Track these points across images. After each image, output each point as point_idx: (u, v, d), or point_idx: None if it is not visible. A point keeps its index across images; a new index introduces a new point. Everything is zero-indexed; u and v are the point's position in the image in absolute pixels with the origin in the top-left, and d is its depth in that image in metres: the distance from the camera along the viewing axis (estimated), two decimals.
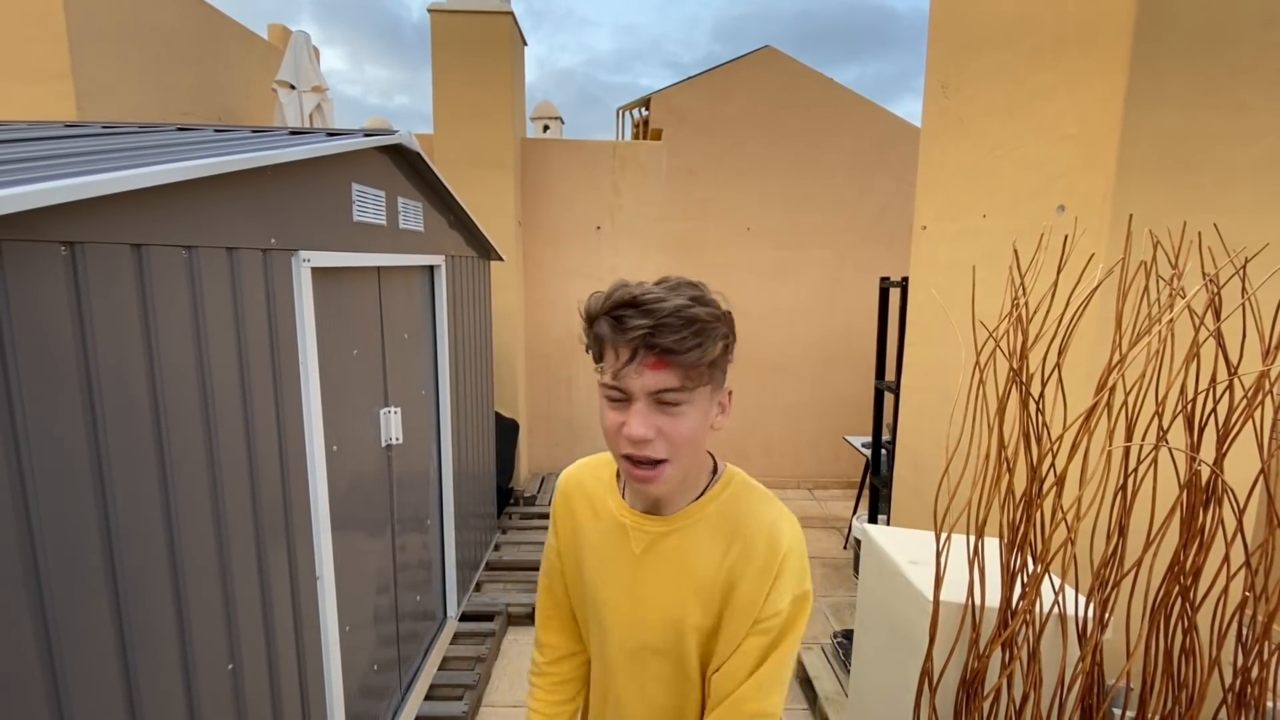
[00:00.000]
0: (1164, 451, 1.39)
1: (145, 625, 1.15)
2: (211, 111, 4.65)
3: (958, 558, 1.63)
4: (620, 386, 0.71)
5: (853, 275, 5.16)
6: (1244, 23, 1.83)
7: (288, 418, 1.61)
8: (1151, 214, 1.80)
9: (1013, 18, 2.33)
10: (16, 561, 0.91)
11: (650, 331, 0.66)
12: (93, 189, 0.97)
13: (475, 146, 4.49)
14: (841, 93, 4.94)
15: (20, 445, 0.91)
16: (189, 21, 4.42)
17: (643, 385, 0.70)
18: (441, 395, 2.91)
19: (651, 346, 0.67)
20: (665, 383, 0.70)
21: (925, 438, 2.85)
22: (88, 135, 1.91)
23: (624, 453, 0.75)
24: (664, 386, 0.70)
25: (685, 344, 0.67)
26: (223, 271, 1.34)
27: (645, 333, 0.66)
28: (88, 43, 3.65)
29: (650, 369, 0.69)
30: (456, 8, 4.37)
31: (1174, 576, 1.41)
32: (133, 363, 1.11)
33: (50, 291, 0.96)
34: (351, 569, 2.03)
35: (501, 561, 3.80)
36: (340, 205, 1.90)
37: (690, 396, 0.71)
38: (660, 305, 0.67)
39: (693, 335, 0.67)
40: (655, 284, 0.72)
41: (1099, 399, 1.30)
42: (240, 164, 1.33)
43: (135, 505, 1.12)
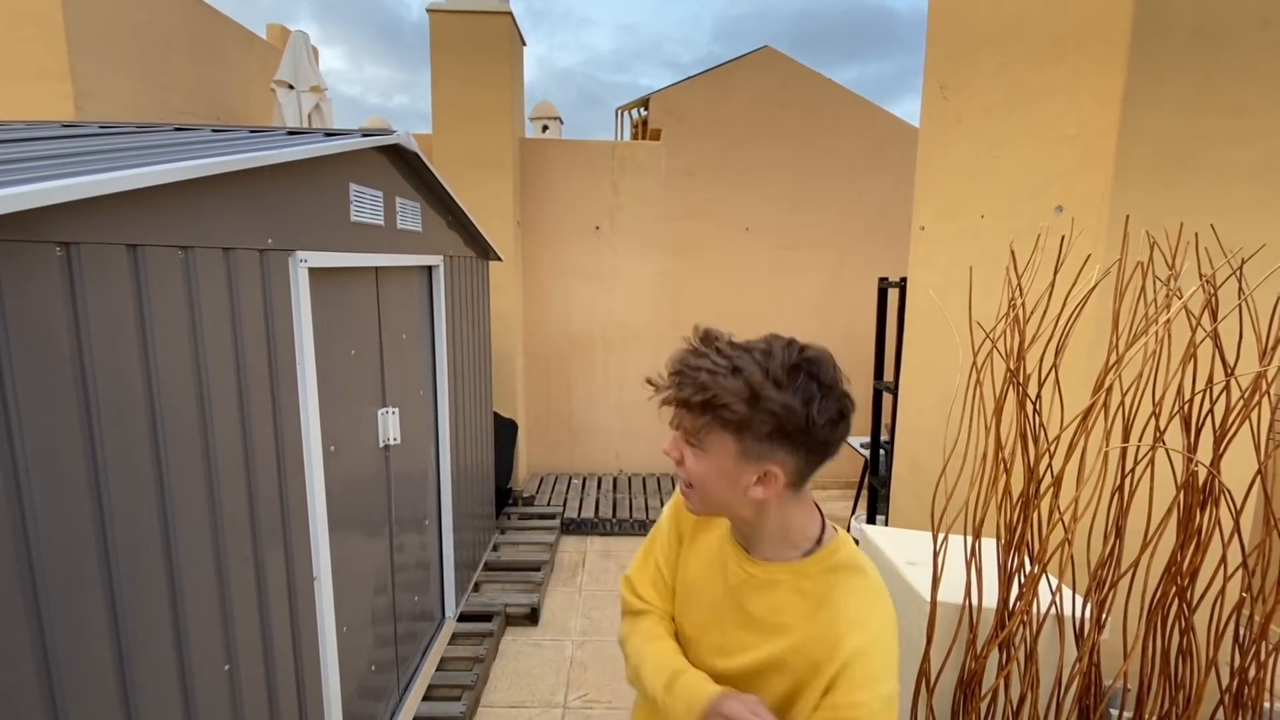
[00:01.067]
0: (1161, 452, 1.39)
1: (141, 626, 1.15)
2: (210, 111, 4.65)
3: (955, 558, 1.63)
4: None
5: (851, 275, 5.16)
6: (1241, 23, 1.83)
7: (285, 418, 1.60)
8: (1150, 214, 1.80)
9: (1011, 18, 2.33)
10: (12, 562, 0.91)
11: (675, 377, 0.81)
12: (88, 189, 0.97)
13: (474, 146, 4.48)
14: (840, 93, 4.94)
15: (15, 446, 0.91)
16: (187, 21, 4.41)
17: (674, 415, 0.84)
18: (440, 396, 2.91)
19: (676, 389, 0.81)
20: (680, 420, 0.83)
21: (924, 438, 2.85)
22: (85, 135, 1.90)
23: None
24: (679, 423, 0.84)
25: (686, 395, 0.79)
26: (219, 272, 1.34)
27: (672, 375, 0.82)
28: (86, 42, 3.65)
29: (673, 404, 0.83)
30: (455, 8, 4.37)
31: (1171, 577, 1.41)
32: (128, 364, 1.11)
33: (45, 292, 0.95)
34: (349, 570, 2.03)
35: (500, 562, 3.79)
36: (338, 205, 1.89)
37: (701, 442, 0.82)
38: (692, 361, 0.81)
39: (696, 391, 0.79)
40: (765, 339, 0.85)
41: (1096, 400, 1.30)
42: (237, 164, 1.32)
43: (131, 506, 1.12)
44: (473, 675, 2.74)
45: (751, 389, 0.77)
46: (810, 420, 0.78)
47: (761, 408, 0.77)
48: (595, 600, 3.58)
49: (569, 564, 4.02)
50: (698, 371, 0.79)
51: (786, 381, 0.78)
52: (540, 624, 3.33)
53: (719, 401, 0.77)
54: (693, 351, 0.82)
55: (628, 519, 4.47)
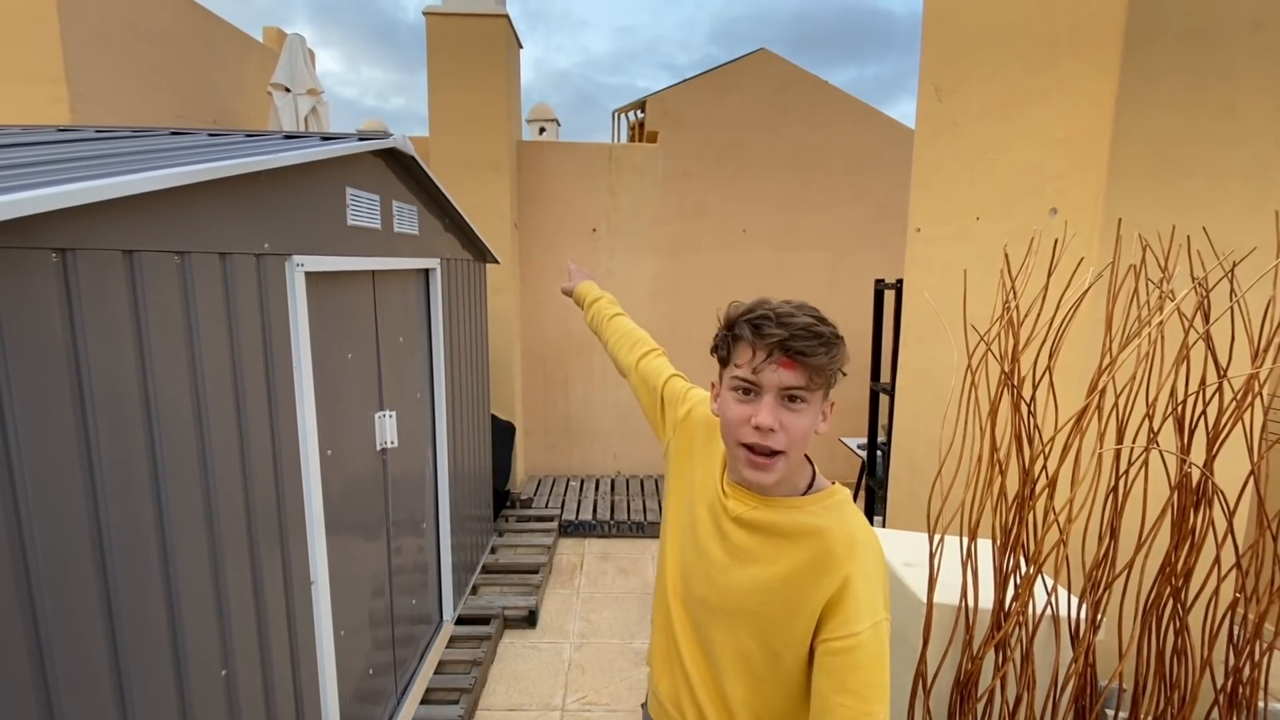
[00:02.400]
0: (1155, 453, 1.40)
1: (137, 630, 1.15)
2: (206, 114, 4.64)
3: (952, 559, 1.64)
4: (755, 381, 0.85)
5: (848, 276, 5.17)
6: (1233, 26, 1.84)
7: (282, 422, 1.60)
8: (1143, 216, 1.81)
9: (1004, 22, 2.34)
10: (8, 566, 0.91)
11: (788, 337, 0.82)
12: (85, 195, 0.97)
13: (471, 149, 4.49)
14: (836, 95, 4.96)
15: (12, 451, 0.91)
16: (183, 24, 4.41)
17: (777, 380, 0.84)
18: (437, 398, 2.91)
19: (787, 349, 0.82)
20: (794, 381, 0.84)
21: (920, 439, 2.86)
22: (81, 140, 1.90)
23: (746, 441, 0.87)
24: (792, 384, 0.84)
25: (814, 350, 0.82)
26: (216, 277, 1.34)
27: (783, 338, 0.82)
28: (82, 46, 3.64)
29: (784, 367, 0.83)
30: (451, 10, 4.37)
31: (1166, 578, 1.42)
32: (125, 369, 1.11)
33: (42, 298, 0.96)
34: (346, 573, 2.03)
35: (498, 564, 3.79)
36: (334, 209, 1.90)
37: (811, 397, 0.85)
38: (794, 319, 0.83)
39: (820, 345, 0.83)
40: (781, 303, 0.87)
41: (1090, 401, 1.31)
42: (233, 169, 1.33)
43: (127, 511, 1.12)
44: (471, 678, 2.74)
45: (842, 338, 0.86)
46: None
47: (845, 350, 0.87)
48: (593, 603, 3.58)
49: (567, 566, 4.02)
50: (823, 337, 0.83)
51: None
52: (538, 626, 3.33)
53: (838, 364, 0.85)
54: (815, 318, 0.85)
55: (625, 521, 4.47)
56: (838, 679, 0.82)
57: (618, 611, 3.49)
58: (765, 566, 0.90)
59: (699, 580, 0.97)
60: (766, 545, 0.91)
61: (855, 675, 0.82)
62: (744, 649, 0.92)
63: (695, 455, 1.05)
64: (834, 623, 0.84)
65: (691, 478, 1.04)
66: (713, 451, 1.02)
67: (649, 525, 4.44)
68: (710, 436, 1.03)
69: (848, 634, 0.82)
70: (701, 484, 1.01)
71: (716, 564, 0.95)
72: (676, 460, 1.09)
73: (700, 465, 1.03)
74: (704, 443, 1.04)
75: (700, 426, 1.07)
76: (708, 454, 1.03)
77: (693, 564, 0.99)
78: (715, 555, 0.95)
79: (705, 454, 1.03)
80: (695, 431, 1.07)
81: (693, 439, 1.07)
